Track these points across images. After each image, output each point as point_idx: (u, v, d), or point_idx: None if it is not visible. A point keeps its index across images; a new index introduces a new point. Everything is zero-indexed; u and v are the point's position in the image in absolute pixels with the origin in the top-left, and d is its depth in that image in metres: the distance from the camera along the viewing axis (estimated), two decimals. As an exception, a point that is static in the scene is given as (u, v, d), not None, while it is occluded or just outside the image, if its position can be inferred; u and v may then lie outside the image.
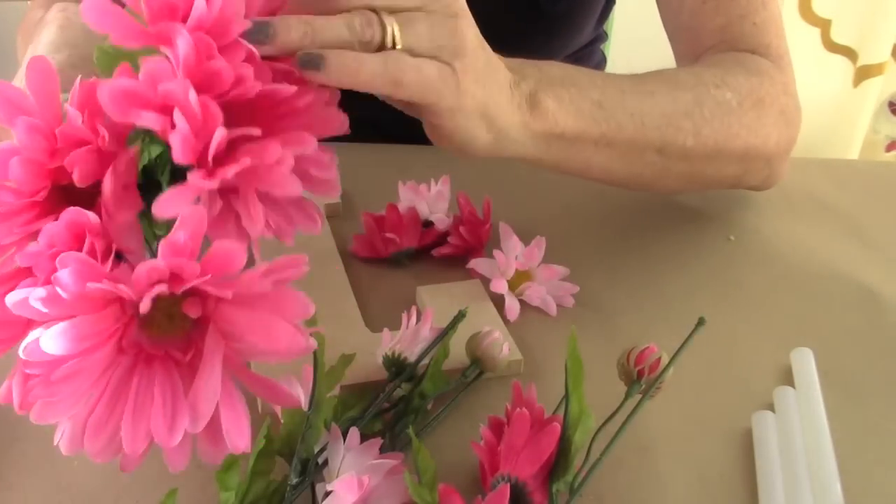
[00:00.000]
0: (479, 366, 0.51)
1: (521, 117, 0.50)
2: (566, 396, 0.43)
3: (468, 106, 0.46)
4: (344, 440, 0.42)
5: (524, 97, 0.51)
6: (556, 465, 0.42)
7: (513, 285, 0.59)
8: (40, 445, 0.47)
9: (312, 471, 0.43)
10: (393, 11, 0.42)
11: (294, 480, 0.42)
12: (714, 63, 0.63)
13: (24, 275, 0.35)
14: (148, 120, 0.33)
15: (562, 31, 0.81)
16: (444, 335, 0.50)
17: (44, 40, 0.57)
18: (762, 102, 0.61)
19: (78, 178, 0.35)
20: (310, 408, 0.43)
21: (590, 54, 0.92)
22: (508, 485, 0.41)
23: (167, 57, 0.35)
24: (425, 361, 0.50)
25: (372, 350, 0.52)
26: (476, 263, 0.61)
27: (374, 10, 0.41)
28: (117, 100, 0.33)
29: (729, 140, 0.60)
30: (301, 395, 0.46)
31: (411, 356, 0.49)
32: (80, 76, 0.36)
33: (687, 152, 0.58)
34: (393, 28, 0.41)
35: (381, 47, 0.42)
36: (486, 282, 0.60)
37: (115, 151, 0.35)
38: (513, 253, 0.60)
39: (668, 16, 0.69)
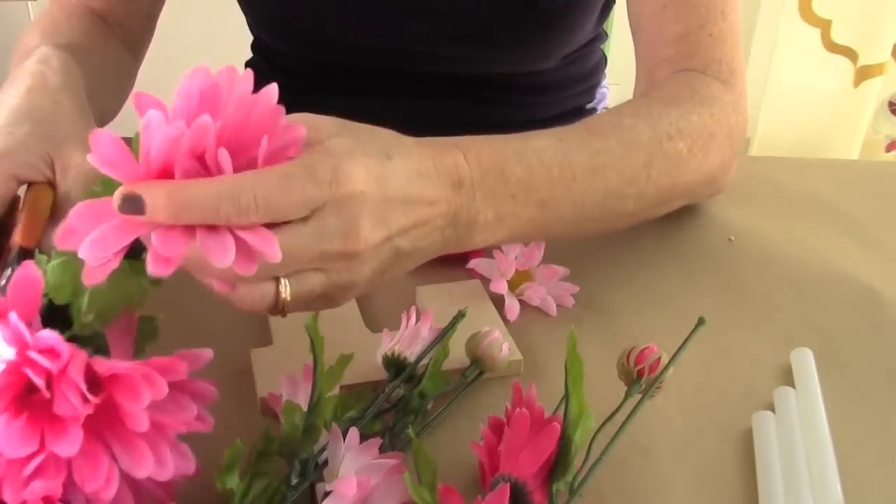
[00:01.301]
0: (478, 366, 0.51)
1: (442, 251, 0.49)
2: (566, 396, 0.43)
3: (351, 299, 0.46)
4: (343, 440, 0.42)
5: (456, 234, 0.49)
6: (556, 464, 0.42)
7: (513, 285, 0.59)
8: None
9: (312, 471, 0.43)
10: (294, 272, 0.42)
11: (294, 481, 0.42)
12: (671, 101, 0.62)
13: None
14: None
15: (560, 29, 0.81)
16: (443, 335, 0.50)
17: (9, 102, 0.54)
18: (713, 136, 0.62)
19: None
20: (310, 408, 0.43)
21: (589, 54, 0.92)
22: (508, 485, 0.41)
23: None
24: (425, 361, 0.50)
25: (371, 350, 0.52)
26: (476, 263, 0.61)
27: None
28: None
29: (674, 188, 0.60)
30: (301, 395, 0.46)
31: (411, 356, 0.49)
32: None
33: (628, 212, 0.58)
34: (286, 297, 0.41)
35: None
36: (486, 282, 0.60)
37: None
38: (513, 253, 0.60)
39: (632, 17, 0.70)
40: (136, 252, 0.38)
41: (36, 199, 0.50)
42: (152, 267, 0.36)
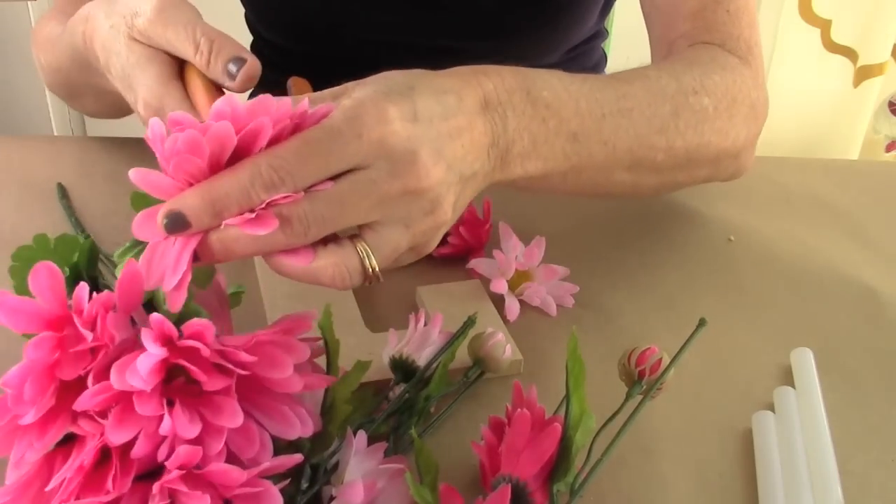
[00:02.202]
0: (481, 366, 0.51)
1: (490, 179, 0.50)
2: (567, 397, 0.43)
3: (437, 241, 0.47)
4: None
5: (499, 156, 0.49)
6: (557, 465, 0.42)
7: (513, 285, 0.59)
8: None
9: (323, 475, 0.42)
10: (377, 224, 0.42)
11: (305, 485, 0.42)
12: (692, 60, 0.63)
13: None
14: None
15: (565, 21, 0.81)
16: (452, 341, 0.50)
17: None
18: (735, 101, 0.62)
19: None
20: (322, 413, 0.43)
21: (591, 51, 0.92)
22: (509, 485, 0.41)
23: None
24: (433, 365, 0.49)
25: (372, 350, 0.51)
26: (476, 263, 0.61)
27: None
28: None
29: (700, 148, 0.60)
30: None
31: (419, 360, 0.49)
32: None
33: (657, 166, 0.58)
34: (373, 267, 0.42)
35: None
36: (486, 282, 0.60)
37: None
38: (513, 253, 0.60)
39: None
40: None
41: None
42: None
